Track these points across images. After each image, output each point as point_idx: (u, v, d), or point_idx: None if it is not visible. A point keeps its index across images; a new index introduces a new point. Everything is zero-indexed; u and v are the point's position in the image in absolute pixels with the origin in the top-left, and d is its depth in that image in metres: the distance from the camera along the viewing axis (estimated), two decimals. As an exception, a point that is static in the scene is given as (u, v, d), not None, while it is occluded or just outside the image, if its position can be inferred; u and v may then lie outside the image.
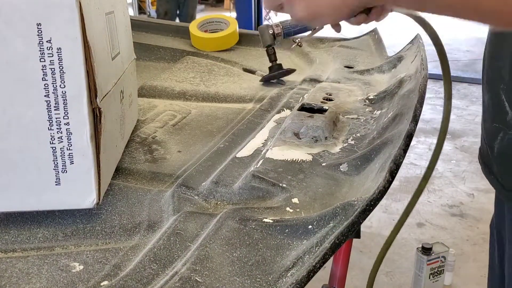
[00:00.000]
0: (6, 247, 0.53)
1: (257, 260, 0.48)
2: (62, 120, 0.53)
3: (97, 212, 0.59)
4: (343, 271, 1.05)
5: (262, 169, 0.65)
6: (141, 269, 0.48)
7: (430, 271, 1.86)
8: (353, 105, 0.88)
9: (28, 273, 0.49)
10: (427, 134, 3.43)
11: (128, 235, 0.56)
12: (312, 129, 0.73)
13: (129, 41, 0.80)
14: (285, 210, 0.57)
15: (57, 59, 0.51)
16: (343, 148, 0.71)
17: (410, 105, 0.65)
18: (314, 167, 0.66)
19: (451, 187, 2.69)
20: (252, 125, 0.84)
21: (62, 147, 0.54)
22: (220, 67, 1.23)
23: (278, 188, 0.61)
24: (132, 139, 0.80)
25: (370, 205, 0.47)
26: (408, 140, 0.55)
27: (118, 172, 0.69)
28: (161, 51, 1.36)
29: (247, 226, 0.54)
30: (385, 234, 2.24)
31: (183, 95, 1.04)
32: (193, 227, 0.55)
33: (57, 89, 0.52)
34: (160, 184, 0.68)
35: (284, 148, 0.71)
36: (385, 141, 0.61)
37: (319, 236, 0.49)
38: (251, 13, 4.87)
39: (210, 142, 0.80)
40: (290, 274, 0.46)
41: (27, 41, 0.50)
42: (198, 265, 0.47)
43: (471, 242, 2.17)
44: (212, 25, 1.44)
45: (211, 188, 0.63)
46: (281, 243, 0.51)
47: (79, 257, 0.52)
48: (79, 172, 0.55)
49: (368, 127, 0.78)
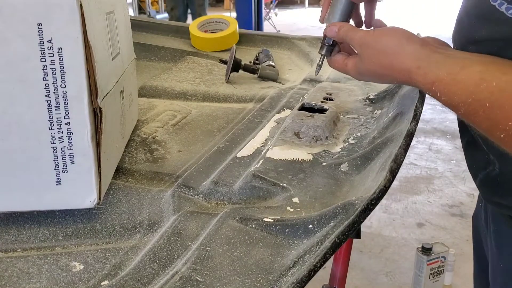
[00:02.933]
0: (6, 247, 0.54)
1: (257, 259, 0.48)
2: (62, 120, 0.53)
3: (97, 211, 0.59)
4: (343, 271, 1.05)
5: (262, 168, 0.65)
6: (141, 268, 0.48)
7: (430, 271, 1.86)
8: (354, 105, 0.88)
9: (28, 272, 0.49)
10: (427, 134, 3.43)
11: (129, 235, 0.56)
12: (312, 129, 0.73)
13: (129, 41, 0.80)
14: (285, 210, 0.57)
15: (58, 59, 0.51)
16: (344, 148, 0.71)
17: (410, 104, 0.65)
18: (314, 167, 0.66)
19: (451, 187, 2.69)
20: (253, 125, 0.84)
21: (63, 147, 0.54)
22: (220, 67, 1.23)
23: (279, 188, 0.61)
24: (133, 139, 0.80)
25: (371, 204, 0.47)
26: (408, 140, 0.55)
27: (118, 171, 0.69)
28: (161, 51, 1.36)
29: (248, 226, 0.54)
30: (385, 234, 2.24)
31: (183, 95, 1.04)
32: (193, 227, 0.55)
33: (58, 89, 0.52)
34: (160, 183, 0.68)
35: (285, 147, 0.71)
36: (386, 141, 0.61)
37: (319, 235, 0.49)
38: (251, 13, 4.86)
39: (211, 142, 0.80)
40: (291, 273, 0.46)
41: (28, 41, 0.50)
42: (199, 264, 0.48)
43: (471, 242, 2.16)
44: (212, 25, 1.44)
45: (212, 187, 0.63)
46: (281, 243, 0.51)
47: (80, 256, 0.52)
48: (79, 172, 0.55)
49: (369, 126, 0.78)
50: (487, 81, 0.49)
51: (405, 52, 0.57)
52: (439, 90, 0.53)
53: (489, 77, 0.49)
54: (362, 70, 0.64)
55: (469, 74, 0.51)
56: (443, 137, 3.38)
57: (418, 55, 0.56)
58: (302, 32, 2.45)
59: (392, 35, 0.60)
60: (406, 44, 0.58)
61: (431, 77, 0.54)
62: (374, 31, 0.62)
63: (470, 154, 0.67)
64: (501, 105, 0.48)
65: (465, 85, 0.51)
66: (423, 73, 0.55)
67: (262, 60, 1.21)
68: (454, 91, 0.51)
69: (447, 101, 0.53)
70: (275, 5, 8.51)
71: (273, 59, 1.23)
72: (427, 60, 0.55)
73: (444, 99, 0.53)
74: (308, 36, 1.42)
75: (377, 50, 0.60)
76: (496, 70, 0.49)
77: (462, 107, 0.51)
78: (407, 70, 0.57)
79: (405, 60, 0.57)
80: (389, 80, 0.63)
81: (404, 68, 0.57)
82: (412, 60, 0.56)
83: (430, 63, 0.55)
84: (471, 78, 0.50)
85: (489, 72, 0.50)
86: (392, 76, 0.60)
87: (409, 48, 0.57)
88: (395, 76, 0.59)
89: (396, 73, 0.59)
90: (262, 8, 5.17)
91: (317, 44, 1.38)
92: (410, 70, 0.56)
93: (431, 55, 0.55)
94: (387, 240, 2.19)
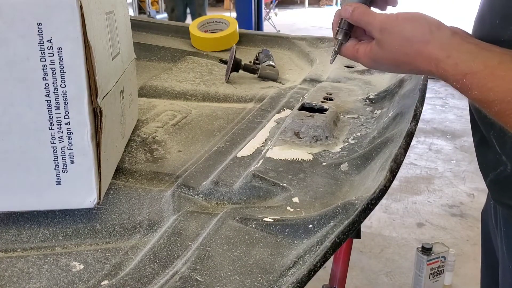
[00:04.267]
0: (6, 247, 0.53)
1: (257, 259, 0.48)
2: (62, 119, 0.53)
3: (97, 211, 0.59)
4: (343, 271, 1.06)
5: (262, 168, 0.65)
6: (141, 268, 0.48)
7: (430, 271, 1.86)
8: (354, 105, 0.88)
9: (28, 272, 0.49)
10: (427, 134, 3.43)
11: (129, 235, 0.56)
12: (312, 129, 0.73)
13: (129, 41, 0.80)
14: (285, 210, 0.57)
15: (58, 59, 0.51)
16: (344, 148, 0.71)
17: (410, 104, 0.65)
18: (314, 167, 0.66)
19: (451, 187, 2.69)
20: (253, 125, 0.84)
21: (63, 146, 0.54)
22: (220, 67, 1.23)
23: (279, 188, 0.61)
24: (133, 139, 0.80)
25: (371, 204, 0.47)
26: (408, 140, 0.55)
27: (118, 171, 0.69)
28: (161, 51, 1.36)
29: (248, 226, 0.54)
30: (385, 234, 2.24)
31: (183, 95, 1.04)
32: (193, 227, 0.55)
33: (58, 89, 0.52)
34: (160, 183, 0.68)
35: (285, 147, 0.71)
36: (386, 141, 0.61)
37: (319, 235, 0.49)
38: (251, 13, 4.86)
39: (211, 141, 0.80)
40: (291, 273, 0.46)
41: (28, 41, 0.50)
42: (199, 264, 0.47)
43: (471, 242, 2.17)
44: (212, 25, 1.44)
45: (212, 187, 0.63)
46: (281, 242, 0.51)
47: (80, 256, 0.52)
48: (79, 171, 0.55)
49: (369, 126, 0.78)
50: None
51: (435, 40, 0.52)
52: (471, 84, 0.49)
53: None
54: (379, 57, 0.59)
55: (509, 70, 0.47)
56: (443, 137, 3.38)
57: (449, 43, 0.52)
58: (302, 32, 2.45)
59: (420, 22, 0.55)
60: (436, 31, 0.53)
61: (463, 68, 0.50)
62: (398, 15, 0.57)
63: (481, 153, 0.65)
64: None
65: (505, 81, 0.47)
66: (453, 63, 0.50)
67: (262, 60, 1.21)
68: (491, 87, 0.47)
69: (479, 96, 0.49)
70: (275, 5, 8.51)
71: (273, 59, 1.23)
72: (459, 49, 0.51)
73: (475, 94, 0.49)
74: (308, 36, 1.42)
75: (402, 37, 0.55)
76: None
77: (498, 105, 0.47)
78: (434, 58, 0.52)
79: (434, 49, 0.52)
80: (408, 69, 0.58)
81: (432, 57, 0.52)
82: (442, 48, 0.52)
83: (462, 53, 0.50)
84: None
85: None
86: (414, 65, 0.55)
87: (439, 36, 0.52)
88: (417, 65, 0.55)
89: (420, 61, 0.54)
90: (262, 8, 5.17)
91: (317, 44, 1.38)
92: (438, 58, 0.52)
93: (463, 45, 0.51)
94: (387, 240, 2.19)
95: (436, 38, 0.53)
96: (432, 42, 0.53)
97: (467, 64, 0.49)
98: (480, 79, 0.48)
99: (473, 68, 0.49)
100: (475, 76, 0.49)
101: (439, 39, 0.52)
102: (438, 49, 0.52)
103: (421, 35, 0.54)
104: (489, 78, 0.48)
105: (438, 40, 0.52)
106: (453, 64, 0.50)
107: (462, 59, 0.50)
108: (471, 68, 0.49)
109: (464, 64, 0.50)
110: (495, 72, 0.47)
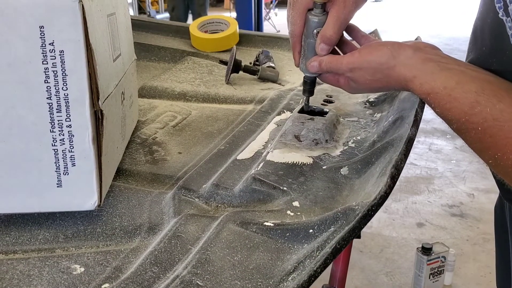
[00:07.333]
0: (7, 249, 0.54)
1: (258, 264, 0.48)
2: (64, 122, 0.53)
3: (97, 214, 0.59)
4: (343, 271, 1.06)
5: (262, 171, 0.65)
6: (142, 272, 0.48)
7: (430, 271, 1.87)
8: (354, 108, 0.88)
9: (29, 275, 0.49)
10: (427, 134, 3.43)
11: (129, 237, 0.56)
12: (312, 132, 0.73)
13: (130, 42, 0.80)
14: (285, 214, 0.57)
15: (60, 62, 0.51)
16: (344, 151, 0.71)
17: (410, 108, 0.65)
18: (314, 170, 0.66)
19: (451, 187, 2.70)
20: (253, 127, 0.84)
21: (64, 149, 0.54)
22: (220, 68, 1.22)
23: (279, 191, 0.61)
24: (133, 140, 0.80)
25: (371, 210, 0.47)
26: (409, 145, 0.55)
27: (118, 173, 0.69)
28: (161, 51, 1.36)
29: (248, 230, 0.54)
30: (385, 234, 2.24)
31: (183, 96, 1.04)
32: (194, 230, 0.55)
33: (59, 92, 0.52)
34: (160, 185, 0.68)
35: (285, 150, 0.71)
36: (386, 145, 0.61)
37: (320, 240, 0.49)
38: (251, 13, 4.86)
39: (211, 143, 0.80)
40: (291, 278, 0.46)
41: (30, 44, 0.50)
42: (199, 268, 0.48)
43: (471, 242, 2.17)
44: (212, 25, 1.44)
45: (212, 190, 0.63)
46: (282, 247, 0.51)
47: (80, 259, 0.52)
48: (80, 174, 0.55)
49: (369, 130, 0.78)
50: (482, 106, 0.48)
51: (399, 63, 0.57)
52: (434, 102, 0.53)
53: (484, 101, 0.48)
54: (358, 88, 0.65)
55: (464, 92, 0.50)
56: (443, 137, 3.38)
57: (413, 63, 0.56)
58: (302, 32, 2.45)
59: (381, 50, 0.59)
60: (398, 54, 0.57)
61: (426, 88, 0.54)
62: (360, 51, 0.62)
63: None
64: (493, 134, 0.48)
65: (460, 104, 0.50)
66: (418, 83, 0.55)
67: (262, 61, 1.21)
68: (449, 107, 0.51)
69: (441, 113, 0.53)
70: (275, 5, 8.51)
71: (273, 60, 1.23)
72: (422, 69, 0.55)
73: (438, 111, 0.53)
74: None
75: (370, 69, 0.60)
76: (491, 94, 0.49)
77: (455, 124, 0.52)
78: (403, 79, 0.57)
79: (400, 70, 0.57)
80: (387, 90, 0.64)
81: (400, 78, 0.57)
82: (408, 69, 0.56)
83: (425, 73, 0.54)
84: (467, 97, 0.50)
85: (484, 95, 0.49)
86: (389, 86, 0.60)
87: (402, 57, 0.57)
88: (392, 85, 0.60)
89: (394, 83, 0.59)
90: (262, 8, 5.17)
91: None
92: (406, 79, 0.56)
93: (426, 64, 0.55)
94: (387, 240, 2.20)
95: (399, 61, 0.57)
96: (397, 65, 0.57)
97: (429, 85, 0.54)
98: (440, 100, 0.52)
99: (434, 89, 0.53)
100: (436, 96, 0.53)
101: (402, 62, 0.57)
102: (404, 70, 0.56)
103: (386, 62, 0.58)
104: (447, 99, 0.52)
105: (401, 63, 0.57)
106: (418, 84, 0.55)
107: (425, 80, 0.54)
108: (433, 89, 0.53)
109: (427, 85, 0.54)
110: (451, 93, 0.51)
